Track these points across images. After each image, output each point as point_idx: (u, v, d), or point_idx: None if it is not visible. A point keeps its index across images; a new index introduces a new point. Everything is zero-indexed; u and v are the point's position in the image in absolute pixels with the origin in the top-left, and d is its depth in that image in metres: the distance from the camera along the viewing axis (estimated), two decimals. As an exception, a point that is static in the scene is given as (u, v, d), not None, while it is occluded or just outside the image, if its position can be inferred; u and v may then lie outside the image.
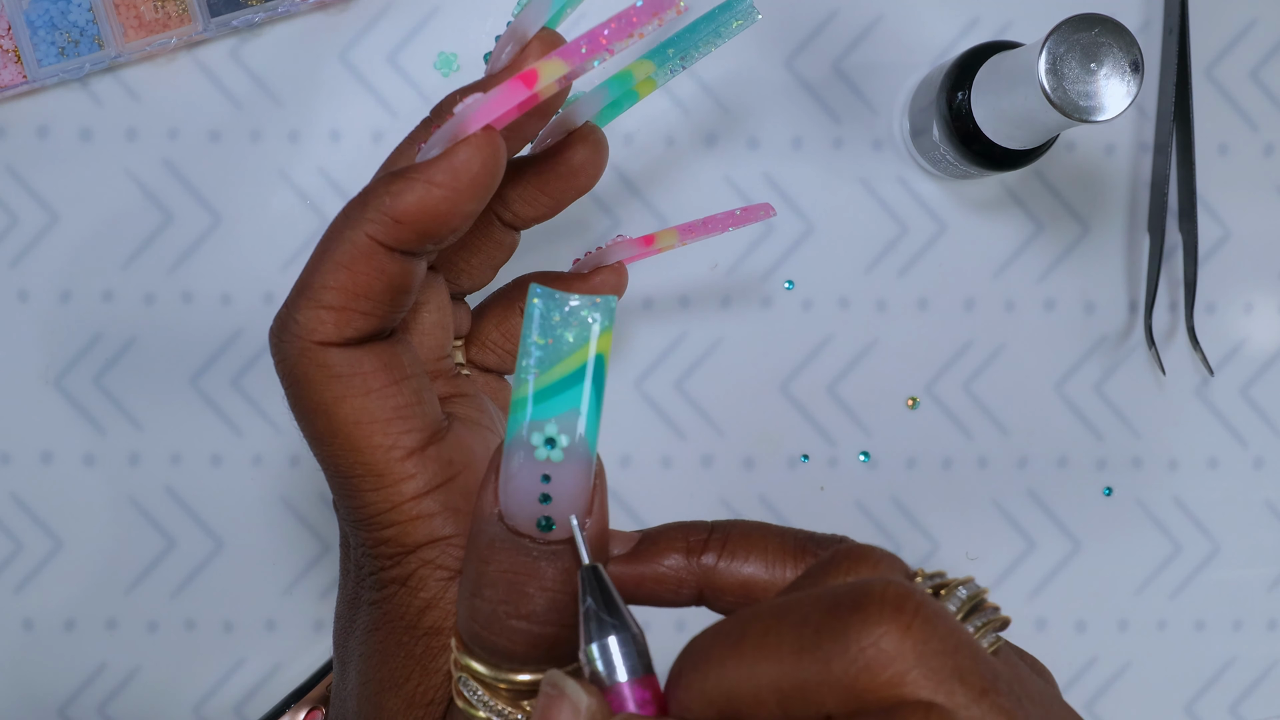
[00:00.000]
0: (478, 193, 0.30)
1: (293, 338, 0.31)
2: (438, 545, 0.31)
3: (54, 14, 0.46)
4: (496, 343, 0.40)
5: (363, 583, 0.32)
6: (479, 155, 0.29)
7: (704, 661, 0.23)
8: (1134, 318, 0.51)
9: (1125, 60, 0.39)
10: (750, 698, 0.22)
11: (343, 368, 0.31)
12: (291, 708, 0.44)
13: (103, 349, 0.48)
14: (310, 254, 0.31)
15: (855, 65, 0.49)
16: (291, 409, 0.32)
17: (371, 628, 0.32)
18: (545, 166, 0.36)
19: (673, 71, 0.37)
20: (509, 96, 0.29)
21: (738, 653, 0.22)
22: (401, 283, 0.31)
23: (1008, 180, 0.50)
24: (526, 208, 0.36)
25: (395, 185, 0.30)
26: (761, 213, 0.40)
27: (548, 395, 0.26)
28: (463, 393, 0.36)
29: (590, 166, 0.36)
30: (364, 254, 0.30)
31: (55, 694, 0.48)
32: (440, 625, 0.31)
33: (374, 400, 0.31)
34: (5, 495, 0.48)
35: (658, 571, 0.28)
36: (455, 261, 0.37)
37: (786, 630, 0.22)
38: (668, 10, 0.28)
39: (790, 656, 0.21)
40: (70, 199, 0.48)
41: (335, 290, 0.30)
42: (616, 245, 0.40)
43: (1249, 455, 0.51)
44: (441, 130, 0.30)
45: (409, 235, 0.30)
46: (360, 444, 0.31)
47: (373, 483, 0.31)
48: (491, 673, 0.28)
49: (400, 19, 0.48)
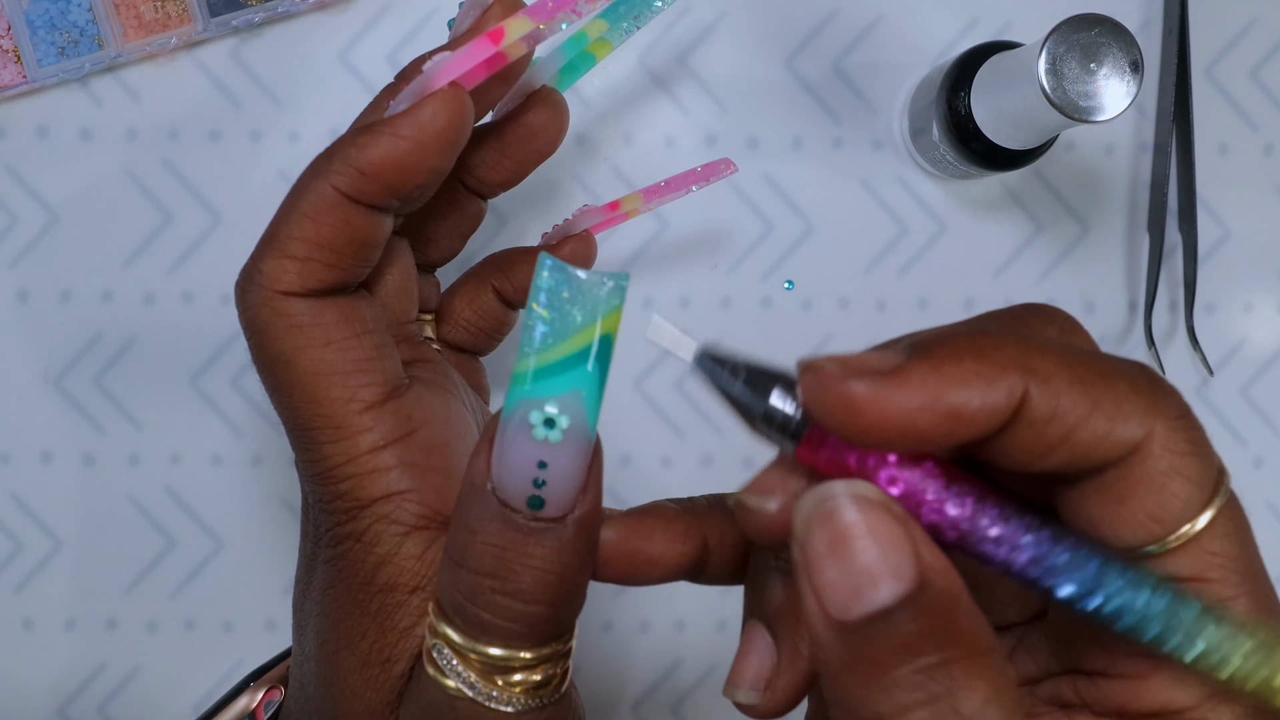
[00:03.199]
0: (443, 148, 0.30)
1: (256, 287, 0.31)
2: (393, 500, 0.31)
3: (54, 14, 0.46)
4: (469, 321, 0.40)
5: (320, 541, 0.32)
6: (445, 109, 0.30)
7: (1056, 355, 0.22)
8: (1134, 318, 0.51)
9: (1125, 60, 0.39)
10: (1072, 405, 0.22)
11: (304, 318, 0.31)
12: (250, 687, 0.43)
13: (103, 349, 0.48)
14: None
15: (855, 65, 0.49)
16: (254, 360, 0.32)
17: (327, 586, 0.31)
18: (505, 130, 0.36)
19: (627, 32, 0.37)
20: (476, 53, 0.29)
21: (1083, 363, 0.23)
22: (366, 236, 0.31)
23: (1008, 180, 0.50)
24: (490, 172, 0.37)
25: (361, 138, 0.30)
26: (722, 168, 0.40)
27: (551, 373, 0.25)
28: (426, 359, 0.36)
29: (551, 128, 0.36)
30: (329, 205, 0.30)
31: (55, 694, 0.48)
32: (395, 581, 0.30)
33: (334, 351, 0.31)
34: (5, 495, 0.48)
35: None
36: (422, 229, 0.38)
37: (1112, 364, 0.23)
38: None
39: (1122, 380, 0.23)
40: (70, 199, 0.48)
41: (300, 240, 0.30)
42: (583, 214, 0.40)
43: (1249, 455, 0.51)
44: (409, 87, 0.30)
45: (374, 188, 0.30)
46: (319, 395, 0.31)
47: (330, 435, 0.31)
48: (466, 642, 0.27)
49: (400, 19, 0.48)
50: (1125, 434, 0.22)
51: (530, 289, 0.25)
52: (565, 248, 0.40)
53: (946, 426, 0.22)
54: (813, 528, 0.22)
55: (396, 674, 0.30)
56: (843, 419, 0.22)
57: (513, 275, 0.40)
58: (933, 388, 0.22)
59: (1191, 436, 0.23)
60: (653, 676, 0.49)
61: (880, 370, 0.22)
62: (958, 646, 0.21)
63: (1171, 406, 0.23)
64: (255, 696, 0.42)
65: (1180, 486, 0.22)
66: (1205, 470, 0.23)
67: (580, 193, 0.49)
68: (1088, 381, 0.22)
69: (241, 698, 0.42)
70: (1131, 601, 0.22)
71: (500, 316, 0.41)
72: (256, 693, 0.43)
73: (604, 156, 0.49)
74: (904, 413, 0.22)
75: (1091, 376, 0.22)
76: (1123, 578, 0.22)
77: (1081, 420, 0.22)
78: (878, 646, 0.21)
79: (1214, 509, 0.23)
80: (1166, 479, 0.22)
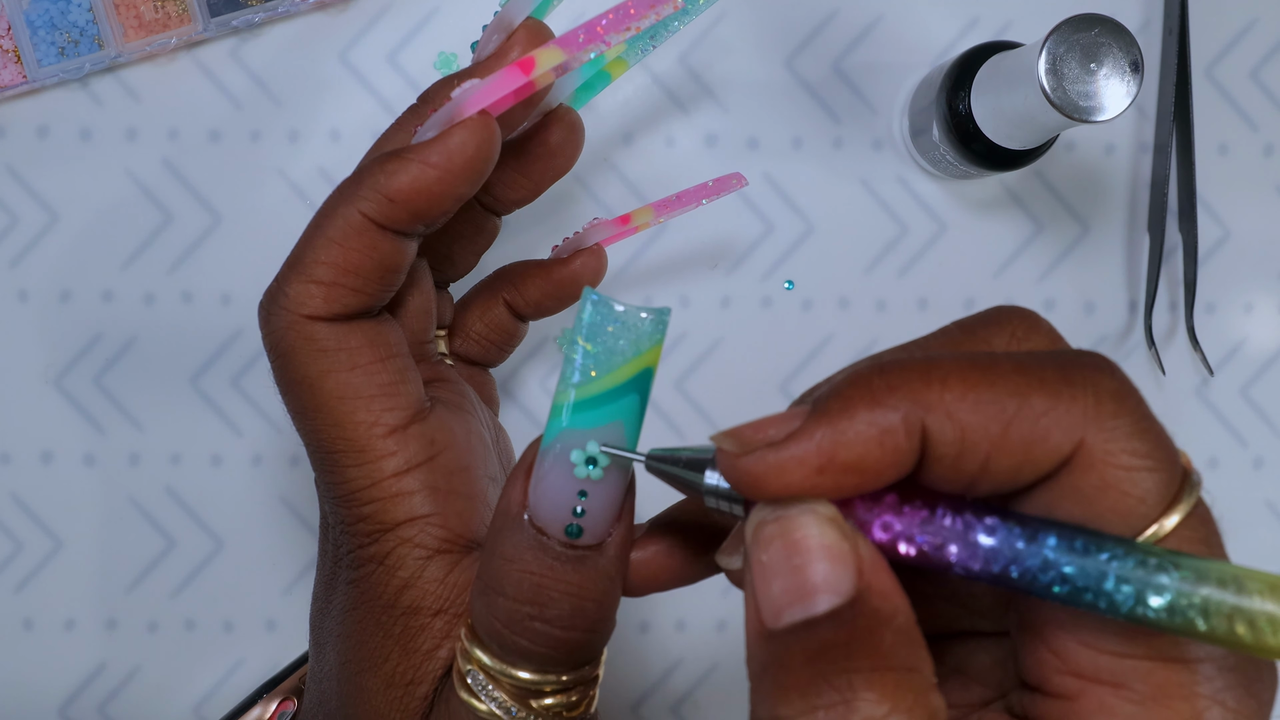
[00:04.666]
0: (471, 175, 0.30)
1: (282, 310, 0.31)
2: (416, 523, 0.31)
3: (54, 14, 0.46)
4: (481, 334, 0.40)
5: (340, 561, 0.32)
6: (474, 138, 0.30)
7: (956, 382, 0.22)
8: (1134, 318, 0.51)
9: (1125, 60, 0.39)
10: (982, 429, 0.22)
11: (330, 342, 0.31)
12: (263, 698, 0.43)
13: (103, 349, 0.48)
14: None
15: (855, 65, 0.49)
16: (277, 382, 0.32)
17: (349, 607, 0.32)
18: (523, 150, 0.36)
19: (643, 51, 0.37)
20: (506, 82, 0.29)
21: (990, 381, 0.22)
22: (392, 261, 0.31)
23: (1008, 180, 0.50)
24: (507, 191, 0.37)
25: (391, 165, 0.30)
26: (733, 182, 0.40)
27: (592, 405, 0.25)
28: (444, 378, 0.36)
29: (568, 147, 0.36)
30: (357, 231, 0.30)
31: (55, 694, 0.48)
32: (419, 605, 0.31)
33: (359, 376, 0.31)
34: (5, 495, 0.48)
35: None
36: (438, 248, 0.38)
37: (1033, 372, 0.22)
38: (665, 4, 0.28)
39: (1039, 390, 0.22)
40: (70, 199, 0.48)
41: (327, 265, 0.31)
42: (594, 228, 0.40)
43: (1249, 455, 0.51)
44: (438, 114, 0.30)
45: (402, 214, 0.30)
46: (343, 419, 0.31)
47: (354, 458, 0.31)
48: (498, 666, 0.28)
49: (400, 19, 0.48)
50: (1049, 450, 0.22)
51: (574, 323, 0.25)
52: (576, 261, 0.40)
53: (852, 480, 0.22)
54: (760, 542, 0.23)
55: (420, 696, 0.30)
56: (753, 491, 0.22)
57: (523, 288, 0.40)
58: (828, 448, 0.22)
59: (1133, 445, 0.22)
60: (653, 677, 0.49)
61: (775, 440, 0.22)
62: (868, 659, 0.21)
63: (1105, 410, 0.22)
64: (269, 708, 0.42)
65: (1131, 492, 0.22)
66: (1157, 478, 0.22)
67: (580, 193, 0.49)
68: (998, 402, 0.22)
69: (255, 709, 0.42)
70: (1084, 570, 0.21)
71: (511, 329, 0.41)
72: (270, 704, 0.43)
73: (604, 156, 0.49)
74: (804, 477, 0.22)
75: (1004, 395, 0.22)
76: (1075, 552, 0.22)
77: (996, 444, 0.22)
78: (792, 652, 0.21)
79: (1179, 513, 0.22)
80: (1116, 485, 0.22)
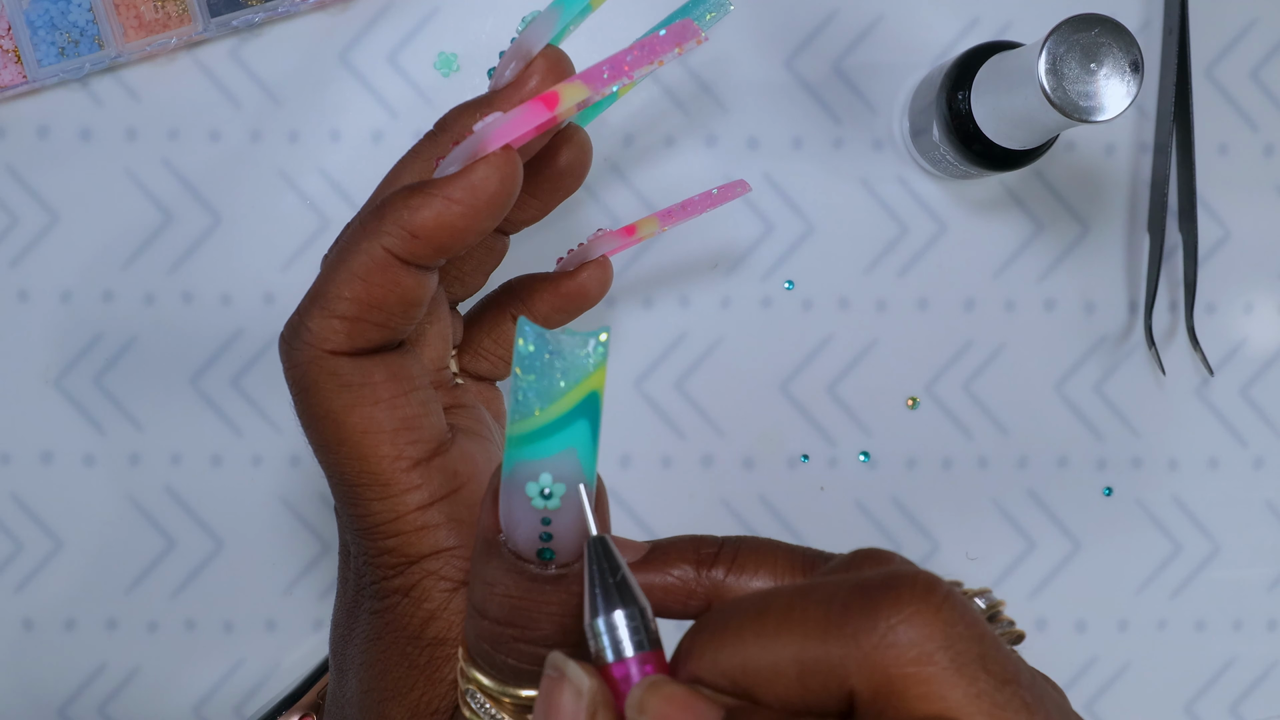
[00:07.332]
0: (494, 210, 0.30)
1: (304, 345, 0.31)
2: (441, 556, 0.31)
3: (54, 14, 0.46)
4: (489, 350, 0.40)
5: (363, 591, 0.32)
6: (497, 174, 0.29)
7: (722, 633, 0.23)
8: (1134, 318, 0.51)
9: (1125, 60, 0.39)
10: (769, 671, 0.22)
11: (353, 377, 0.31)
12: (283, 715, 0.43)
13: (103, 349, 0.48)
14: (313, 255, 0.31)
15: (855, 65, 0.49)
16: (299, 416, 0.32)
17: (373, 637, 0.32)
18: (533, 171, 0.36)
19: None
20: (530, 118, 0.29)
21: (759, 625, 0.22)
22: (415, 295, 0.31)
23: (1008, 180, 0.50)
24: (517, 211, 0.37)
25: (414, 200, 0.30)
26: (738, 189, 0.40)
27: (540, 437, 0.25)
28: (461, 403, 0.36)
29: (577, 167, 0.36)
30: (380, 266, 0.30)
31: (55, 694, 0.48)
32: (444, 636, 0.31)
33: (382, 410, 0.31)
34: (5, 495, 0.48)
35: (666, 581, 0.28)
36: (449, 269, 0.38)
37: (813, 606, 0.22)
38: (690, 40, 0.27)
39: (816, 631, 0.22)
40: (70, 199, 0.48)
41: (349, 301, 0.30)
42: (599, 239, 0.39)
43: (1249, 455, 0.51)
44: (460, 147, 0.30)
45: (425, 249, 0.30)
46: (367, 453, 0.31)
47: (378, 492, 0.31)
48: (497, 687, 0.28)
49: (400, 19, 0.48)
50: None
51: (513, 356, 0.25)
52: (583, 274, 0.40)
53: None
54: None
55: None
56: None
57: (531, 303, 0.40)
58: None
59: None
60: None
61: None
62: None
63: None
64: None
65: None
66: None
67: (580, 194, 0.49)
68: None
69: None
70: None
71: None
72: (291, 719, 0.43)
73: (603, 156, 0.49)
74: None
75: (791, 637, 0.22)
76: None
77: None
78: None
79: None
80: None
